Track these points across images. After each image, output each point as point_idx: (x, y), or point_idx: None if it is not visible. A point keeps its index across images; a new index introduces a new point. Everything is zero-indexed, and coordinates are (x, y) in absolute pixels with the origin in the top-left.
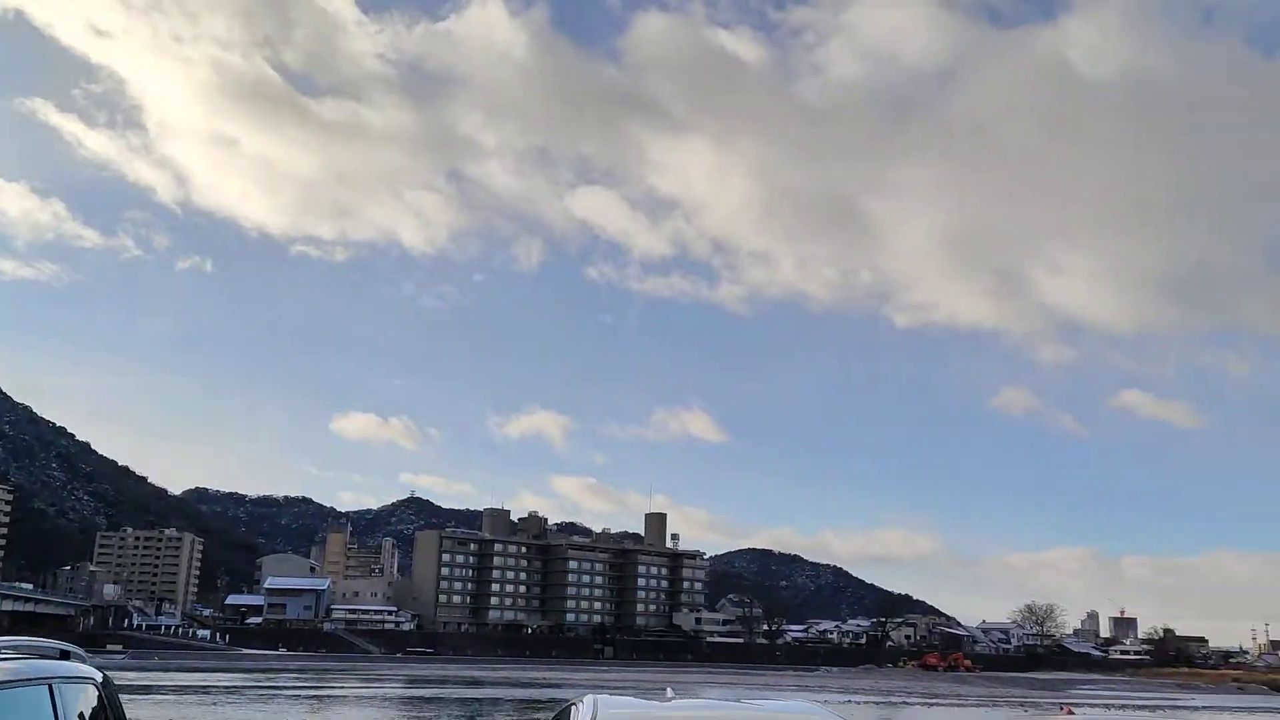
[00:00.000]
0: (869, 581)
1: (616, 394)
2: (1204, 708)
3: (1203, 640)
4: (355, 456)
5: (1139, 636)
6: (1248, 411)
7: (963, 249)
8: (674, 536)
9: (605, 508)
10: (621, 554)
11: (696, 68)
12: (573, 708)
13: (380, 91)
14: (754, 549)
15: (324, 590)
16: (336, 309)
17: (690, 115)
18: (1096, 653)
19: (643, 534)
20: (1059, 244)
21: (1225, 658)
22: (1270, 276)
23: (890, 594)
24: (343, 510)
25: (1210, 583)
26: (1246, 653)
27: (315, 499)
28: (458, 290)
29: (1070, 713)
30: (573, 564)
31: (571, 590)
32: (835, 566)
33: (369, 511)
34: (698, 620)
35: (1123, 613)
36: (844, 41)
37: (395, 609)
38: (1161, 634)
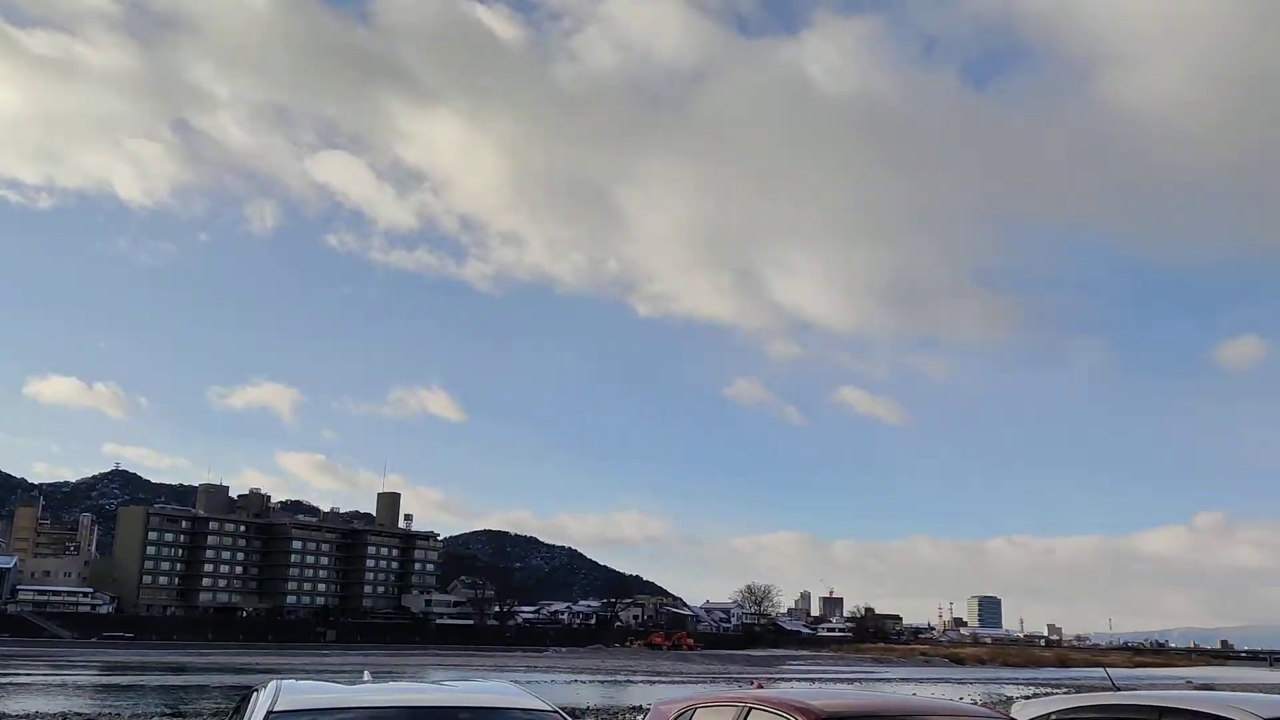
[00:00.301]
0: (602, 563)
1: (352, 368)
2: (894, 679)
3: (898, 618)
4: (53, 423)
5: (845, 615)
6: (944, 411)
7: (705, 245)
8: (407, 517)
9: (335, 486)
10: (350, 534)
11: (450, 39)
12: (254, 694)
13: (99, 29)
14: (490, 530)
15: (9, 569)
16: (37, 261)
17: (442, 87)
18: (806, 630)
19: (374, 514)
20: (792, 247)
21: (916, 634)
22: (969, 290)
23: (622, 575)
24: (35, 482)
25: (907, 565)
26: (933, 628)
27: (3, 469)
28: (179, 249)
29: (760, 686)
30: (296, 544)
31: (294, 572)
32: (570, 548)
33: (66, 484)
34: (428, 602)
35: (831, 593)
36: (600, 31)
37: (92, 590)
38: (863, 613)
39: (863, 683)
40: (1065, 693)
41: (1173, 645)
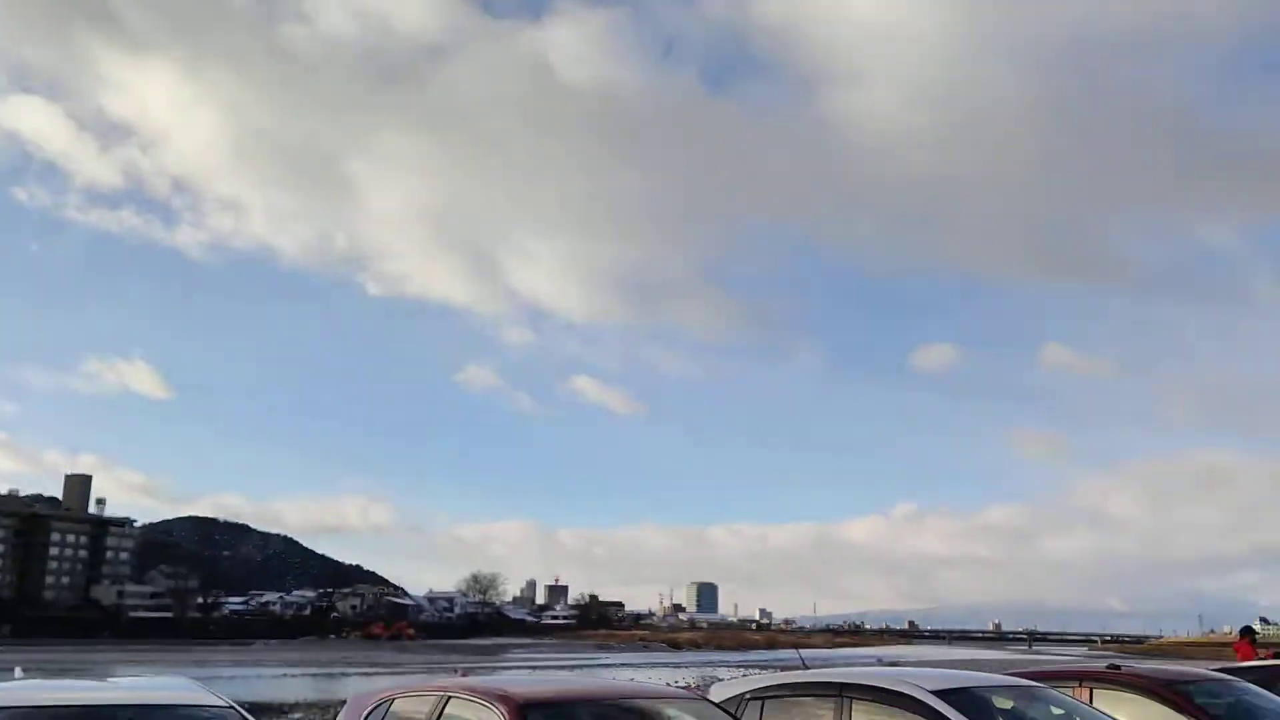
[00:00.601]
0: (320, 552)
1: (39, 335)
2: (614, 665)
3: (620, 604)
4: None
5: (569, 602)
6: (673, 403)
7: (439, 225)
8: (100, 501)
9: (14, 467)
10: (30, 519)
11: None
12: None
13: None
14: (196, 516)
15: None
16: None
17: (156, 36)
18: (531, 619)
19: (61, 497)
20: (530, 234)
21: (637, 620)
22: (700, 286)
23: (341, 564)
24: None
25: (631, 553)
26: (654, 614)
27: None
28: None
29: (464, 674)
30: None
31: None
32: (285, 536)
33: None
34: (120, 594)
35: (557, 580)
36: None
37: None
38: (587, 600)
39: (583, 669)
40: (773, 672)
41: (868, 626)
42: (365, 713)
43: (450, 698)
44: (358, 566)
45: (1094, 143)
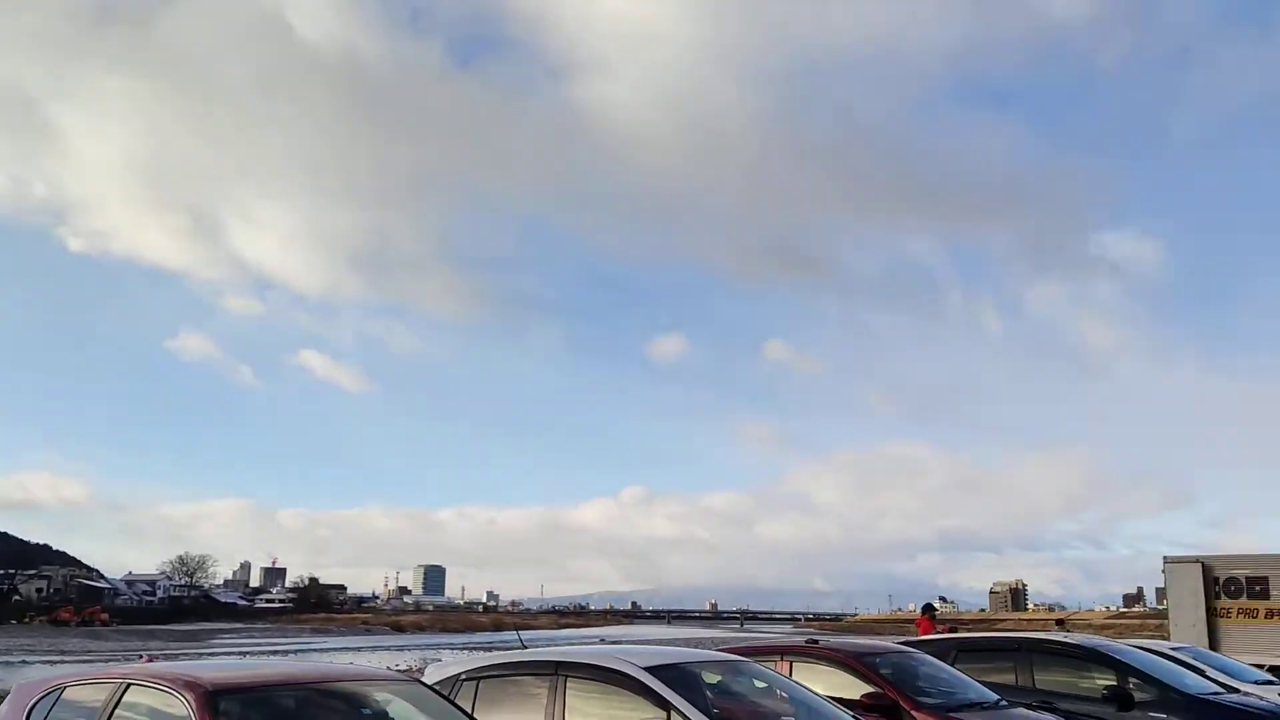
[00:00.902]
0: (1, 530)
1: None
2: (332, 649)
3: (343, 587)
4: None
5: (287, 585)
6: (407, 382)
7: (155, 181)
8: None
9: None
10: None
11: None
12: None
13: None
14: None
15: None
16: None
17: None
18: (243, 602)
19: None
20: (258, 197)
21: (360, 603)
22: (437, 263)
23: (27, 544)
24: None
25: (357, 535)
26: (378, 597)
27: None
28: None
29: (152, 659)
30: None
31: None
32: None
33: None
34: None
35: (275, 563)
36: None
37: None
38: (307, 582)
39: (297, 654)
40: (493, 653)
41: (593, 607)
42: (31, 703)
43: (131, 685)
44: (45, 546)
45: (813, 154)
